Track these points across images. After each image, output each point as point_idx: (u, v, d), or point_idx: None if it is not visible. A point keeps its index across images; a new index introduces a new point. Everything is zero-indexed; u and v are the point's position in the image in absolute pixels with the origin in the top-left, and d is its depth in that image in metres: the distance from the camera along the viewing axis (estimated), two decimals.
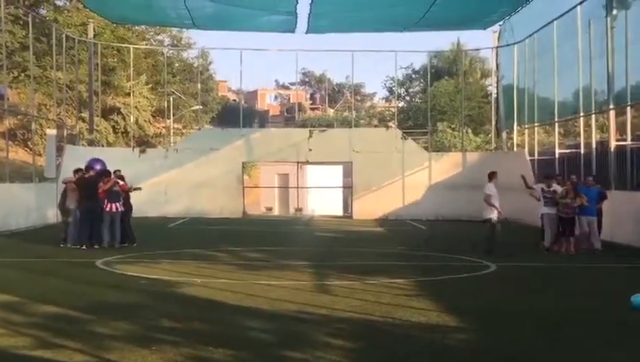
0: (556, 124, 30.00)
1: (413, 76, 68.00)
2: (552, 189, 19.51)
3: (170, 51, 54.38)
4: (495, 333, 9.54)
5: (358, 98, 79.44)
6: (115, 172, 20.77)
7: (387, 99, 76.72)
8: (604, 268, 16.65)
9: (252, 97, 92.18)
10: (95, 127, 38.53)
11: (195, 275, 14.42)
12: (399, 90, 64.68)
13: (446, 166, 34.34)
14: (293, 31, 33.38)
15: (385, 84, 73.23)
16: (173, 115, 52.05)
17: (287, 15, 30.47)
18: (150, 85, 50.40)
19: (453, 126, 50.53)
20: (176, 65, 58.53)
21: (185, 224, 29.56)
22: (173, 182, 32.76)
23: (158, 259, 17.35)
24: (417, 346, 8.70)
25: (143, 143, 44.14)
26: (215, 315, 10.41)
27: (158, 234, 21.75)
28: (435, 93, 52.73)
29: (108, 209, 19.71)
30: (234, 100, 79.48)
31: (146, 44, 51.73)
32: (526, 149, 31.64)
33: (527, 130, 32.55)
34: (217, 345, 8.43)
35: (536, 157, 30.24)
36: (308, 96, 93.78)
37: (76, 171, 20.61)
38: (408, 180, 33.88)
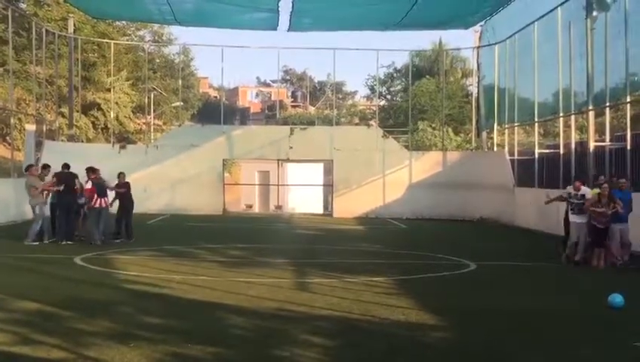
0: (536, 124, 30.19)
1: (395, 75, 68.14)
2: (580, 193, 16.78)
3: (151, 47, 54.26)
4: (474, 331, 9.59)
5: (340, 96, 79.47)
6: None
7: (368, 98, 76.86)
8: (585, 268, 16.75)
9: (233, 94, 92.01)
10: (75, 123, 38.33)
11: (174, 272, 14.39)
12: (380, 89, 64.73)
13: (426, 165, 34.44)
14: (275, 28, 33.33)
15: (366, 83, 73.50)
16: (154, 112, 51.92)
17: (269, 12, 30.41)
18: (131, 81, 50.21)
19: (433, 125, 50.71)
20: (157, 61, 58.35)
21: (165, 221, 29.45)
22: (153, 178, 32.63)
23: (138, 256, 17.29)
24: (396, 344, 8.72)
25: (123, 139, 43.91)
26: (194, 312, 10.39)
27: (138, 231, 21.65)
28: (416, 92, 52.87)
29: (98, 205, 19.74)
30: (215, 97, 79.31)
31: (127, 40, 51.52)
32: (506, 149, 31.82)
33: (507, 129, 32.73)
34: (196, 341, 8.43)
35: (516, 157, 30.42)
36: (289, 93, 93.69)
37: (44, 167, 20.80)
38: (389, 179, 33.94)
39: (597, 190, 16.62)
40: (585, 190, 16.78)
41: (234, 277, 13.91)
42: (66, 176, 19.97)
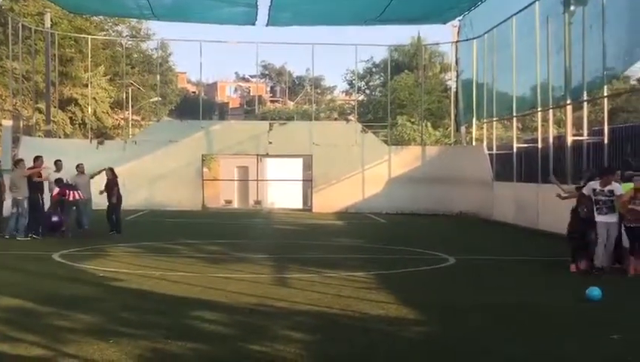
0: (514, 118, 30.32)
1: (374, 70, 68.19)
2: (609, 189, 14.22)
3: (129, 42, 53.83)
4: (454, 326, 9.62)
5: (319, 91, 79.43)
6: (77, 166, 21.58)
7: (347, 93, 76.90)
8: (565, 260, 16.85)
9: (212, 89, 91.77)
10: (52, 119, 38.02)
11: (153, 268, 14.34)
12: (359, 84, 64.78)
13: (405, 159, 34.50)
14: (253, 23, 33.22)
15: (345, 78, 73.48)
16: (132, 107, 51.60)
17: (248, 7, 30.33)
18: (108, 76, 49.84)
19: (412, 120, 50.78)
20: (135, 56, 57.94)
21: (143, 216, 29.34)
22: (131, 174, 32.35)
23: (117, 252, 17.23)
24: (376, 339, 8.74)
25: (101, 135, 43.64)
26: (173, 308, 10.34)
27: None
28: (395, 86, 52.93)
29: (71, 198, 19.87)
30: (193, 92, 79.09)
31: (105, 35, 51.12)
32: (484, 143, 31.93)
33: (485, 124, 32.83)
34: (175, 337, 8.40)
35: (494, 151, 30.53)
36: (268, 88, 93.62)
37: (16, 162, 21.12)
38: (368, 173, 33.97)
39: (631, 184, 14.35)
40: (615, 185, 14.27)
41: (213, 273, 13.88)
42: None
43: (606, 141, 21.29)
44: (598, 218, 14.18)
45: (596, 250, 14.14)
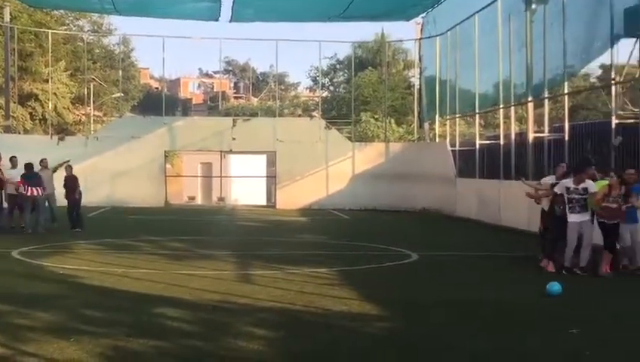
0: (477, 115, 30.55)
1: (338, 66, 68.24)
2: (583, 187, 13.88)
3: (91, 37, 53.28)
4: (416, 322, 9.67)
5: (282, 87, 79.29)
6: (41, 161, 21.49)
7: (311, 89, 76.89)
8: (525, 257, 17.00)
9: (175, 85, 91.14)
10: (11, 114, 37.44)
11: (115, 265, 14.20)
12: (323, 80, 64.80)
13: (369, 156, 34.58)
14: (216, 19, 33.03)
15: (309, 74, 73.45)
16: (94, 103, 51.06)
17: (211, 2, 30.15)
18: (69, 72, 49.25)
19: (376, 116, 50.92)
20: (97, 51, 57.33)
21: (105, 213, 29.07)
22: (93, 170, 32.06)
23: (78, 249, 17.08)
24: (339, 335, 8.75)
25: (62, 131, 43.09)
26: (135, 305, 10.27)
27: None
28: (358, 83, 53.01)
29: (29, 193, 19.67)
30: (156, 88, 78.40)
31: (65, 30, 50.51)
32: (447, 140, 32.11)
33: (448, 121, 33.03)
34: (138, 335, 8.34)
35: (457, 148, 30.73)
36: (232, 84, 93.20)
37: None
38: (332, 170, 33.99)
39: (605, 181, 14.12)
40: (588, 183, 13.90)
41: (176, 270, 13.79)
42: None
43: (566, 138, 21.53)
44: (571, 217, 13.89)
45: (566, 251, 13.93)
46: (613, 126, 18.93)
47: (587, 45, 21.67)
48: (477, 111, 29.79)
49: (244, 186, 39.85)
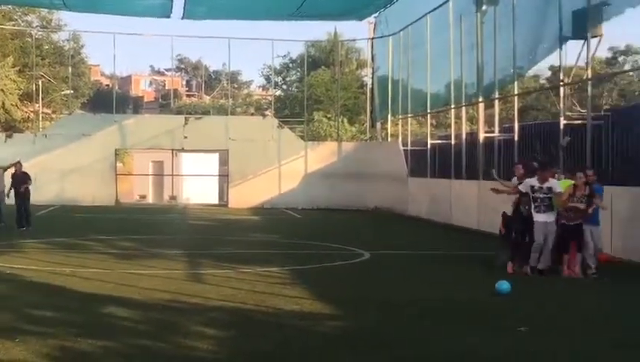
0: (428, 115, 30.79)
1: (290, 65, 68.21)
2: (547, 186, 13.64)
3: (40, 33, 52.40)
4: (368, 320, 9.69)
5: (235, 86, 78.95)
6: None
7: (264, 88, 76.74)
8: (477, 255, 17.17)
9: (126, 83, 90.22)
10: None
11: (64, 265, 14.00)
12: (276, 79, 64.73)
13: (322, 155, 34.63)
14: (168, 16, 32.78)
15: (262, 73, 73.17)
16: (43, 100, 50.23)
17: None
18: (17, 68, 48.38)
19: (329, 115, 51.01)
20: (46, 47, 56.40)
21: (54, 212, 28.67)
22: (42, 168, 31.55)
23: (25, 248, 16.80)
24: (290, 334, 8.73)
25: (10, 128, 42.39)
26: (84, 305, 10.12)
27: None
28: (311, 82, 53.06)
29: None
30: (107, 85, 77.48)
31: (13, 25, 49.65)
32: (399, 139, 32.30)
33: (400, 120, 33.22)
34: (86, 335, 8.22)
35: (409, 147, 30.93)
36: (184, 82, 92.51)
37: None
38: (284, 169, 33.98)
39: (570, 181, 13.89)
40: (553, 182, 13.72)
41: (125, 269, 13.63)
42: None
43: (516, 138, 21.80)
44: (537, 217, 13.61)
45: (532, 252, 13.62)
46: (562, 126, 19.21)
47: (535, 46, 21.98)
48: (429, 111, 30.04)
49: (196, 185, 39.62)
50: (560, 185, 13.78)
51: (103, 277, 12.59)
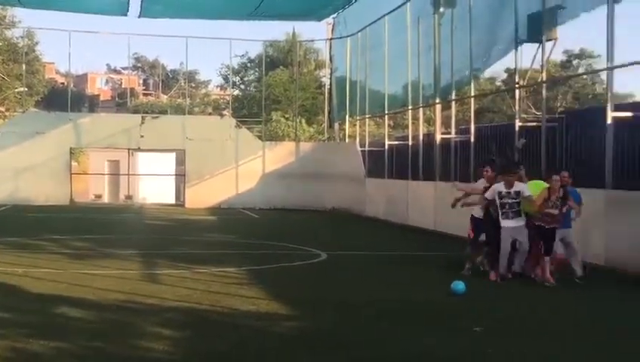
0: (386, 116, 30.90)
1: (249, 65, 68.00)
2: (515, 190, 13.03)
3: None
4: (325, 321, 9.67)
5: (193, 85, 78.55)
6: None
7: (222, 87, 76.42)
8: (433, 256, 17.26)
9: (82, 81, 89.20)
10: None
11: (15, 265, 13.76)
12: (234, 79, 64.51)
13: (279, 155, 34.60)
14: (125, 14, 32.47)
15: (220, 72, 72.91)
16: None
17: None
18: None
19: (287, 116, 50.97)
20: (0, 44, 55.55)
21: (6, 211, 28.25)
22: None
23: None
24: (246, 335, 8.68)
25: None
26: (36, 306, 9.95)
27: None
28: (269, 82, 52.96)
29: None
30: (62, 83, 76.55)
31: None
32: (357, 140, 32.38)
33: (358, 121, 33.31)
34: (38, 336, 8.09)
35: (366, 148, 31.02)
36: (141, 81, 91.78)
37: None
38: (242, 169, 33.87)
39: (544, 184, 13.27)
40: (521, 186, 13.09)
41: (79, 269, 13.45)
42: None
43: (472, 139, 21.98)
44: (504, 223, 13.00)
45: (500, 258, 13.04)
46: (517, 129, 19.41)
47: (490, 48, 22.21)
48: (386, 112, 30.15)
49: (153, 185, 39.37)
50: (528, 187, 13.17)
51: (56, 277, 12.40)
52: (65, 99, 37.09)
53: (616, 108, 16.10)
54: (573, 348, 8.55)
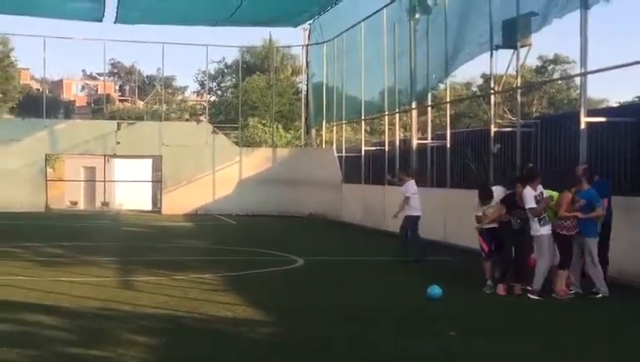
0: (363, 122, 30.99)
1: (225, 71, 67.86)
2: (539, 193, 12.03)
3: None
4: (301, 326, 9.70)
5: (169, 91, 78.22)
6: None
7: (199, 93, 76.16)
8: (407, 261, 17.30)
9: (57, 87, 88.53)
10: None
11: None
12: (211, 85, 64.41)
13: (256, 161, 34.56)
14: (100, 20, 32.32)
15: (196, 78, 72.62)
16: None
17: (95, 3, 29.47)
18: None
19: (264, 121, 50.87)
20: None
21: None
22: None
23: None
24: (223, 341, 8.70)
25: None
26: (11, 314, 9.90)
27: None
28: (246, 88, 52.89)
29: None
30: (37, 89, 75.98)
31: None
32: (334, 146, 32.44)
33: (335, 127, 33.37)
34: (11, 345, 8.06)
35: (343, 153, 31.07)
36: (117, 87, 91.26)
37: None
38: (219, 175, 33.81)
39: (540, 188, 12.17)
40: (539, 187, 12.13)
41: (55, 277, 13.38)
42: None
43: (448, 145, 22.08)
44: (543, 230, 11.81)
45: (537, 271, 11.91)
46: (492, 134, 19.53)
47: (454, 53, 22.36)
48: (363, 117, 30.22)
49: (129, 191, 39.14)
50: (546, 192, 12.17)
51: (32, 284, 12.33)
52: (40, 105, 36.84)
53: (590, 113, 16.24)
54: (540, 349, 8.63)
